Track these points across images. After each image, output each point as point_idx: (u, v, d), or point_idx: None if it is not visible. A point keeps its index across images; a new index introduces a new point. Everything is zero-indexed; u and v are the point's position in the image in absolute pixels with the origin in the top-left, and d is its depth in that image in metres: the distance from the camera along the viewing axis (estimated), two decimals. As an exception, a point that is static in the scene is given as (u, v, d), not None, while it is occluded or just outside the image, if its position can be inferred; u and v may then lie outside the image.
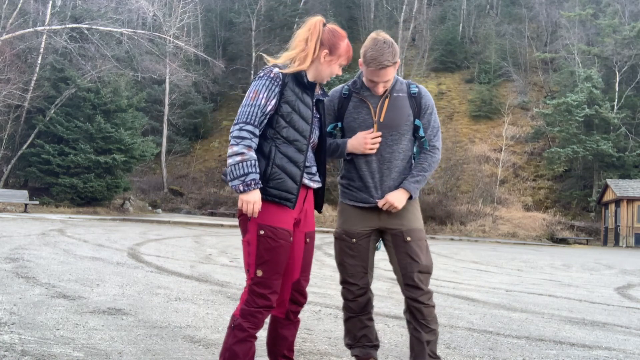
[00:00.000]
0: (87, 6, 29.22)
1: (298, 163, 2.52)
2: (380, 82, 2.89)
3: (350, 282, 2.98)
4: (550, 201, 35.14)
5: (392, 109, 2.94)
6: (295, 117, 2.53)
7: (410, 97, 2.98)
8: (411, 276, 2.84)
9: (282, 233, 2.48)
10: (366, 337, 3.02)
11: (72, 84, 25.63)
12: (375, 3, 51.63)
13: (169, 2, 37.91)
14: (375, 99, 2.96)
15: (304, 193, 2.63)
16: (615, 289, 8.62)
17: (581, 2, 43.00)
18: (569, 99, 33.71)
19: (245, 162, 2.40)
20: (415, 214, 2.98)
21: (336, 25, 2.71)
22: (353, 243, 2.96)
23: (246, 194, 2.41)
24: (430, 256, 2.93)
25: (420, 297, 2.83)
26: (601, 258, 17.30)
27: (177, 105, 39.28)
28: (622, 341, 4.55)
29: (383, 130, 2.92)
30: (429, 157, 2.99)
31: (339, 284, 3.07)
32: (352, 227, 2.98)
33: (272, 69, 2.55)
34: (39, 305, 4.41)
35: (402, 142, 2.96)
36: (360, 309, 3.00)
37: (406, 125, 2.95)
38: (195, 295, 5.42)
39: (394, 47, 2.86)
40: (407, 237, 2.88)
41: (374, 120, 2.93)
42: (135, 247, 10.19)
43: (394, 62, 2.86)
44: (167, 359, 3.23)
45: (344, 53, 2.64)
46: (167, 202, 34.06)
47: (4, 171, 26.66)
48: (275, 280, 2.50)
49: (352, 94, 3.02)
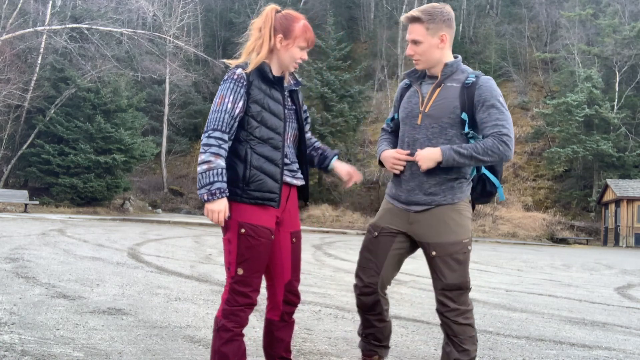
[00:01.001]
0: (87, 6, 29.22)
1: (276, 161, 2.48)
2: (409, 42, 2.67)
3: (359, 275, 2.82)
4: (550, 201, 35.13)
5: (440, 99, 2.67)
6: (267, 115, 2.48)
7: (463, 87, 2.65)
8: (436, 292, 2.72)
9: (263, 231, 2.45)
10: (373, 336, 2.87)
11: (72, 84, 25.64)
12: (375, 3, 51.61)
13: (169, 2, 37.91)
14: (427, 88, 2.73)
15: (287, 191, 2.58)
16: (615, 289, 8.62)
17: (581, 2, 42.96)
18: (569, 99, 33.69)
19: (211, 171, 2.37)
20: (447, 224, 2.68)
21: (292, 10, 2.63)
22: (374, 237, 2.79)
23: (211, 203, 2.38)
24: (463, 271, 2.68)
25: (446, 313, 2.67)
26: (601, 258, 17.29)
27: (177, 105, 39.28)
28: (622, 341, 4.55)
29: (427, 122, 2.68)
30: (490, 141, 2.58)
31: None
32: (380, 221, 2.82)
33: (234, 71, 2.52)
34: (39, 305, 4.41)
35: (443, 137, 2.65)
36: (366, 307, 2.82)
37: (449, 117, 2.64)
38: (195, 295, 5.41)
39: (434, 8, 2.64)
40: (432, 251, 2.67)
41: (421, 110, 2.71)
42: (135, 247, 10.19)
43: (419, 18, 2.63)
44: (167, 359, 3.23)
45: (300, 34, 2.51)
46: (167, 202, 34.06)
47: (4, 171, 26.67)
48: (256, 278, 2.48)
49: (411, 84, 2.85)
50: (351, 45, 42.76)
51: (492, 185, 2.81)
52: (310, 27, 2.57)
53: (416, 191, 2.71)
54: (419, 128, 2.70)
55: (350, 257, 11.46)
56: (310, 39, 2.54)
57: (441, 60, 2.72)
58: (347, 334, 4.17)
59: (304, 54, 2.55)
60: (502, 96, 2.67)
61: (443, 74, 2.70)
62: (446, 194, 2.69)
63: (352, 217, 29.27)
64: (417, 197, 2.71)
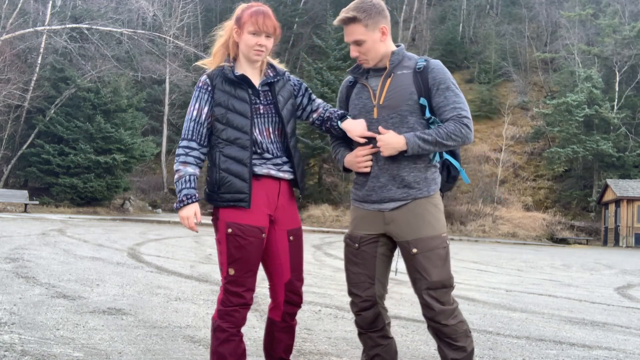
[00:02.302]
0: (87, 6, 29.23)
1: (243, 160, 2.46)
2: (350, 44, 2.55)
3: (353, 292, 2.63)
4: (550, 201, 35.12)
5: (393, 88, 2.56)
6: (232, 116, 2.47)
7: (415, 72, 2.56)
8: (420, 294, 2.52)
9: (250, 230, 2.43)
10: (380, 357, 2.63)
11: (72, 84, 25.64)
12: (375, 3, 51.57)
13: (169, 2, 37.91)
14: (376, 81, 2.61)
15: (277, 186, 2.53)
16: (615, 289, 8.62)
17: (581, 2, 42.96)
18: (569, 99, 33.69)
19: (180, 180, 2.46)
20: (426, 218, 2.54)
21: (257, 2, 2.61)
22: (356, 249, 2.62)
23: (181, 210, 2.45)
24: (447, 267, 2.54)
25: (435, 317, 2.48)
26: (601, 258, 17.29)
27: (177, 105, 39.25)
28: (622, 341, 4.55)
29: (384, 113, 2.56)
30: (451, 125, 2.50)
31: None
32: (356, 230, 2.65)
33: (200, 78, 2.56)
34: (39, 305, 4.41)
35: (405, 125, 2.54)
36: (366, 324, 2.62)
37: (407, 104, 2.53)
38: (195, 295, 5.41)
39: (365, 3, 2.52)
40: (413, 248, 2.50)
41: (374, 103, 2.58)
42: (135, 247, 10.19)
43: (356, 18, 2.51)
44: (167, 359, 3.23)
45: (247, 19, 2.48)
46: (167, 202, 34.03)
47: (4, 171, 26.67)
48: (249, 277, 2.47)
49: (356, 80, 2.72)
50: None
51: (455, 169, 2.72)
52: (264, 11, 2.49)
53: (389, 186, 2.57)
54: (376, 122, 2.58)
55: (350, 257, 11.45)
56: (260, 22, 2.45)
57: (387, 52, 2.61)
58: (347, 334, 4.17)
59: (261, 39, 2.47)
60: (453, 78, 2.62)
61: (391, 63, 2.60)
62: (421, 186, 2.57)
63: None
64: (391, 192, 2.57)
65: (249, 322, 4.36)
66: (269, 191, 2.52)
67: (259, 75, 2.58)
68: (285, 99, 2.60)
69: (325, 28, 37.17)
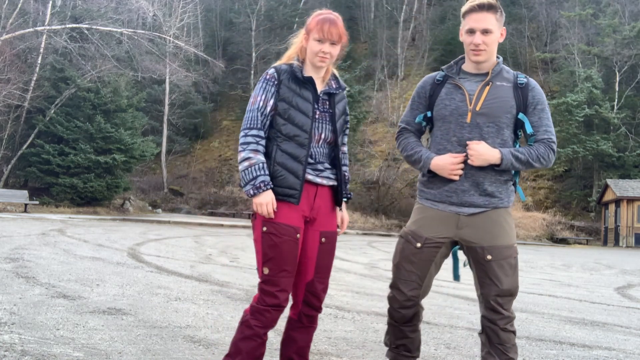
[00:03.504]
0: (87, 6, 29.21)
1: (299, 158, 2.49)
2: (477, 31, 2.54)
3: (400, 288, 2.65)
4: (550, 201, 35.13)
5: (493, 97, 2.56)
6: (294, 112, 2.51)
7: (516, 87, 2.58)
8: (488, 299, 2.56)
9: (285, 229, 2.45)
10: (405, 347, 2.74)
11: (72, 84, 25.63)
12: (375, 3, 51.62)
13: (169, 2, 37.91)
14: (473, 85, 2.60)
15: (314, 190, 2.55)
16: (615, 289, 8.62)
17: (581, 2, 42.94)
18: (569, 99, 33.70)
19: (253, 167, 2.44)
20: (503, 227, 2.57)
21: (327, 10, 2.68)
22: (417, 248, 2.62)
23: (257, 197, 2.43)
24: (516, 277, 2.58)
25: (497, 321, 2.53)
26: (601, 258, 17.29)
27: (177, 105, 39.28)
28: (622, 341, 4.55)
29: (478, 120, 2.55)
30: (542, 147, 2.56)
31: (388, 287, 2.78)
32: (422, 230, 2.63)
33: (268, 71, 2.60)
34: (39, 305, 4.41)
35: (500, 136, 2.55)
36: (404, 320, 2.69)
37: (507, 117, 2.55)
38: (195, 295, 5.42)
39: (496, 2, 2.59)
40: (487, 255, 2.52)
41: (469, 107, 2.56)
42: (135, 247, 10.19)
43: (494, 7, 2.54)
44: (167, 359, 3.23)
45: (313, 26, 2.55)
46: (167, 202, 34.06)
47: (4, 171, 26.66)
48: (283, 277, 2.46)
49: (447, 79, 2.67)
50: (351, 45, 42.77)
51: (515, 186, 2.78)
52: (331, 19, 2.54)
53: (471, 192, 2.58)
54: (468, 127, 2.57)
55: (350, 257, 11.46)
56: (325, 29, 2.51)
57: (494, 57, 2.64)
58: (347, 334, 4.17)
59: (325, 47, 2.53)
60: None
61: (493, 72, 2.61)
62: (503, 196, 2.61)
63: (352, 217, 29.26)
64: (473, 198, 2.58)
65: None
66: (307, 194, 2.53)
67: (322, 84, 2.65)
68: (341, 112, 2.67)
69: (325, 28, 36.99)
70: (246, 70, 44.40)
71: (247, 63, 44.43)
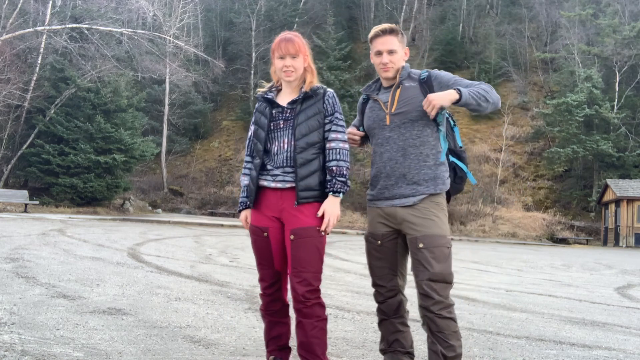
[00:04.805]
0: (87, 6, 29.20)
1: (255, 168, 2.86)
2: (384, 52, 2.90)
3: (378, 284, 2.96)
4: (550, 201, 35.12)
5: (404, 98, 2.89)
6: (257, 130, 2.89)
7: (421, 83, 2.91)
8: (420, 284, 2.72)
9: (254, 229, 2.87)
10: (399, 342, 2.94)
11: (72, 84, 25.62)
12: (375, 3, 51.60)
13: (169, 2, 37.91)
14: (386, 94, 2.96)
15: (278, 194, 2.79)
16: (615, 289, 8.62)
17: (581, 2, 42.93)
18: (569, 99, 33.69)
19: (241, 189, 2.98)
20: (438, 218, 2.80)
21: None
22: (379, 245, 2.94)
23: (240, 215, 2.99)
24: (449, 264, 2.75)
25: (431, 307, 2.68)
26: (601, 258, 17.30)
27: (177, 105, 39.25)
28: (622, 341, 4.55)
29: (396, 120, 2.88)
30: (482, 85, 2.84)
31: (371, 286, 3.05)
32: (375, 229, 2.95)
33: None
34: (39, 305, 4.41)
35: (416, 128, 2.86)
36: (391, 311, 2.95)
37: (417, 111, 2.85)
38: (195, 295, 5.42)
39: (399, 27, 2.97)
40: (419, 243, 2.74)
41: (386, 112, 2.92)
42: (135, 247, 10.19)
43: (395, 31, 2.91)
44: (167, 359, 3.23)
45: (275, 47, 2.84)
46: (167, 202, 34.05)
47: (4, 171, 26.66)
48: (261, 269, 2.88)
49: (369, 97, 3.08)
50: (351, 45, 42.73)
51: (461, 170, 2.98)
52: (287, 37, 2.83)
53: (399, 184, 2.86)
54: (388, 127, 2.91)
55: (350, 257, 11.46)
56: (282, 47, 2.80)
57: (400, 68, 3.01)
58: (347, 334, 4.17)
59: (286, 61, 2.80)
60: None
61: (401, 77, 2.94)
62: (429, 183, 2.84)
63: (352, 217, 29.29)
64: (401, 189, 2.85)
65: (249, 322, 4.37)
66: (270, 198, 2.82)
67: (295, 95, 2.88)
68: (309, 115, 2.81)
69: (325, 28, 37.18)
70: (246, 70, 44.39)
71: (247, 63, 44.42)
